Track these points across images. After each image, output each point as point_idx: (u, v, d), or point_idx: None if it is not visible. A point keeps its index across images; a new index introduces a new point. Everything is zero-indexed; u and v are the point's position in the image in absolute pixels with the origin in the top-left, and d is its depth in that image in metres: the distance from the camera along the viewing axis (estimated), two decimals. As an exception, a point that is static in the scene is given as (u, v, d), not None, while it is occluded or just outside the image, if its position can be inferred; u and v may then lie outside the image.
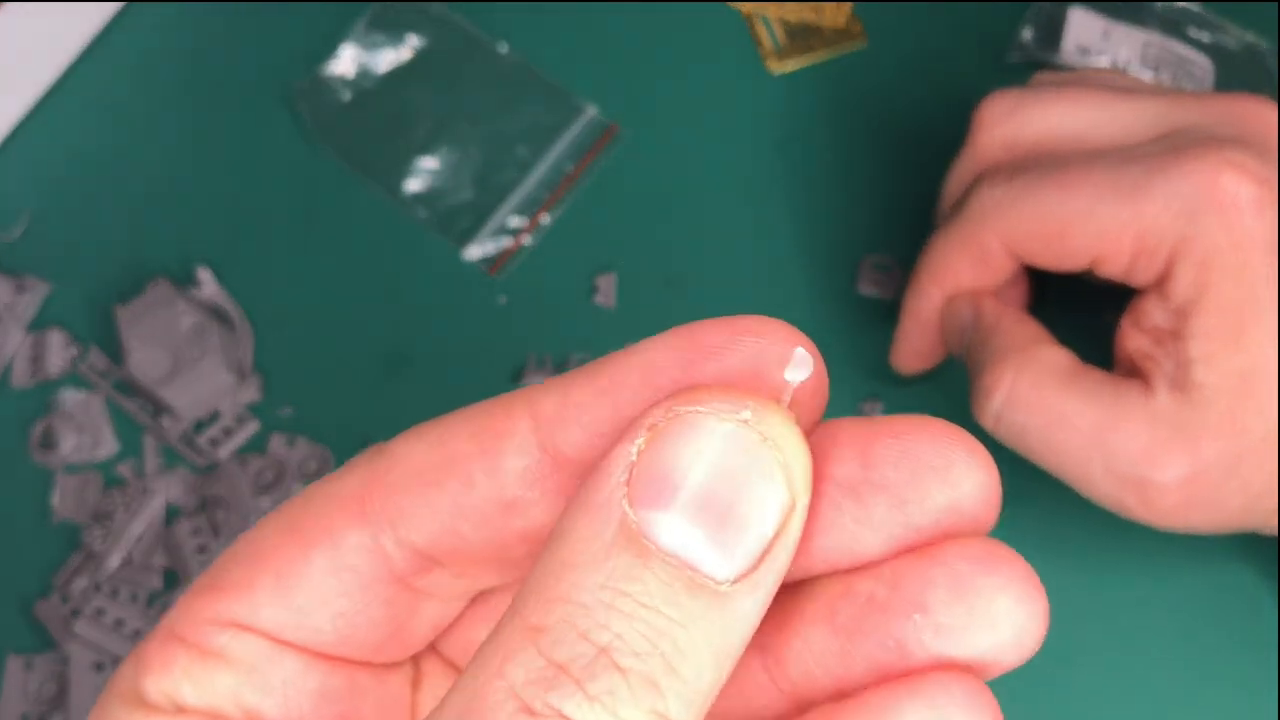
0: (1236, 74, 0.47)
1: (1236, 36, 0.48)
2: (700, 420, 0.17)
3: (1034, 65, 0.47)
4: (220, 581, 0.20)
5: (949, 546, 0.18)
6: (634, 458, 0.17)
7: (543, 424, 0.19)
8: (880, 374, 0.43)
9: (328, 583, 0.19)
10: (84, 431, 0.43)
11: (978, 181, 0.38)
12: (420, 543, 0.19)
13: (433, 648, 0.22)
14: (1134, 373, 0.36)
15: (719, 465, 0.16)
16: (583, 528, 0.16)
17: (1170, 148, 0.35)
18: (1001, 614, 0.17)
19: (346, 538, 0.19)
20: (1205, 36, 0.48)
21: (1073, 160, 0.36)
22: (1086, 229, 0.35)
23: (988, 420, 0.36)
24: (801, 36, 0.49)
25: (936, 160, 0.47)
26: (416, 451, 0.19)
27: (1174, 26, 0.48)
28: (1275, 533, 0.36)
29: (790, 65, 0.49)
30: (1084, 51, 0.46)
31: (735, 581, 0.16)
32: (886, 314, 0.45)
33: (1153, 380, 0.35)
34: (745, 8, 0.50)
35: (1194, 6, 0.48)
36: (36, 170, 0.47)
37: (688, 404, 0.17)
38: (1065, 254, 0.36)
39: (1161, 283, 0.35)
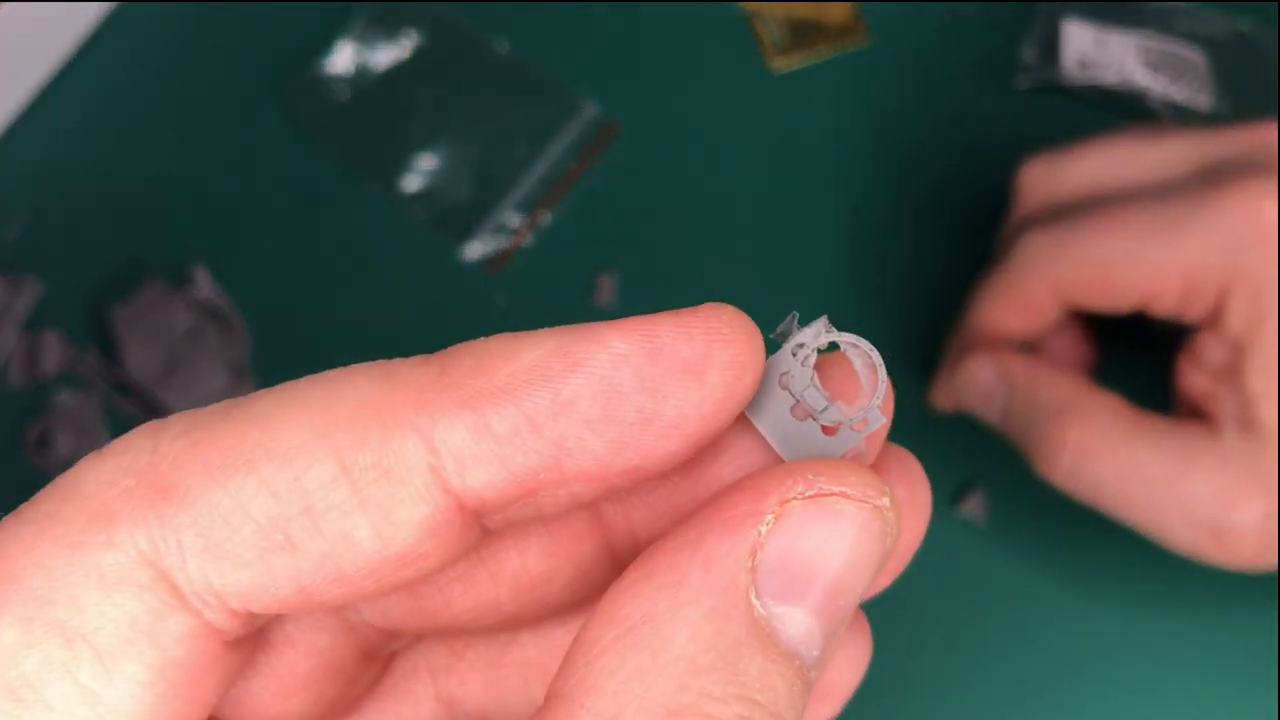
0: (1230, 63, 0.47)
1: (1225, 25, 0.48)
2: (843, 506, 0.15)
3: (1042, 88, 0.46)
4: None
5: None
6: (759, 541, 0.14)
7: (449, 460, 0.15)
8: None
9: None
10: (80, 432, 0.43)
11: (1021, 231, 0.38)
12: (254, 607, 0.16)
13: None
14: (1195, 414, 0.35)
15: (853, 557, 0.15)
16: (701, 622, 0.14)
17: (1207, 183, 0.35)
18: None
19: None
20: (1195, 29, 0.48)
21: (1112, 203, 0.36)
22: (1132, 270, 0.35)
23: (1059, 477, 0.36)
24: (804, 34, 0.49)
25: (939, 157, 0.47)
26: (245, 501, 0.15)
27: (1164, 23, 0.48)
28: None
29: (792, 63, 0.48)
30: (1084, 63, 0.46)
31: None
32: (886, 312, 0.44)
33: (1218, 421, 0.34)
34: (748, 5, 0.49)
35: (1181, 3, 0.48)
36: (31, 170, 0.47)
37: (831, 483, 0.15)
38: (1113, 296, 0.36)
39: (1215, 318, 0.34)
